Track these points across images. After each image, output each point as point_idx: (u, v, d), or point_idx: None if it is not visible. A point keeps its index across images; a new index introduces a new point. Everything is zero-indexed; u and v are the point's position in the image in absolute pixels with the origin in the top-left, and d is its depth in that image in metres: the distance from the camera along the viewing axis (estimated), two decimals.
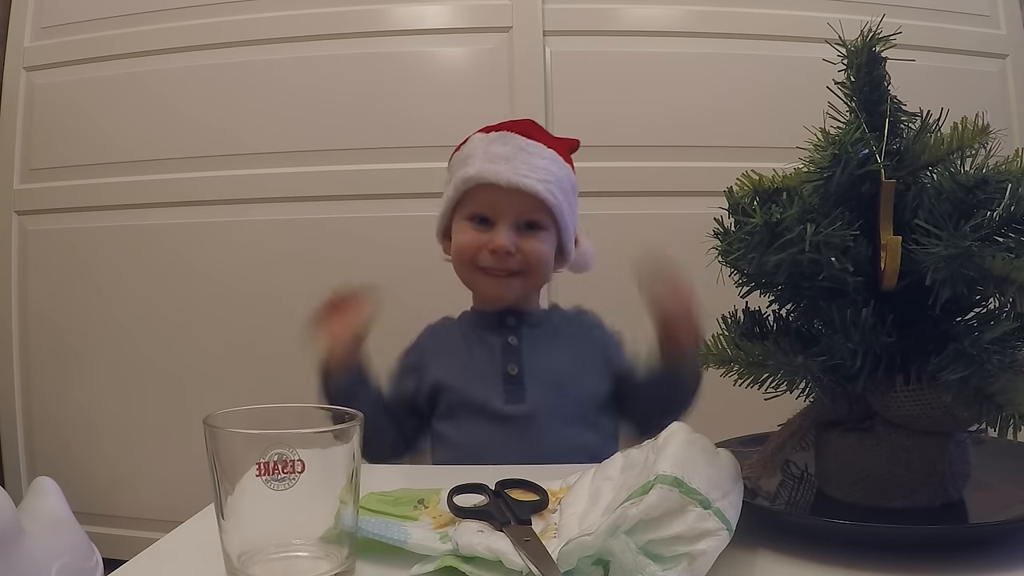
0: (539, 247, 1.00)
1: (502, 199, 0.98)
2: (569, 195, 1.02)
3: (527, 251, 0.99)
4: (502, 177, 0.97)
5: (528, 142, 1.00)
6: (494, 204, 0.99)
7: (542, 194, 0.97)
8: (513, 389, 0.99)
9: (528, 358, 1.01)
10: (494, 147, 1.00)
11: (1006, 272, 0.50)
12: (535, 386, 0.99)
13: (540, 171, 0.98)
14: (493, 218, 1.00)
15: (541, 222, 1.00)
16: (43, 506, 1.42)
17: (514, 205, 0.99)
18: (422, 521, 0.55)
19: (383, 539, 0.51)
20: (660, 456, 0.51)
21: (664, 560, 0.46)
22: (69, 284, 1.93)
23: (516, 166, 0.98)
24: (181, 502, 0.81)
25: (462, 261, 1.02)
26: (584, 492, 0.60)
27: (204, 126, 1.89)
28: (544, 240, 1.01)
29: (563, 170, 1.02)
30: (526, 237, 1.00)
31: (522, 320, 1.04)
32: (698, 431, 0.58)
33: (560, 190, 0.99)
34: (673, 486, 0.47)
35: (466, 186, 1.00)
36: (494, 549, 0.49)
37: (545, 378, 1.00)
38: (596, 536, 0.45)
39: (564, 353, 1.03)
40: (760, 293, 0.63)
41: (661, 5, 1.85)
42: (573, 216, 1.04)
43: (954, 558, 0.51)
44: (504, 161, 0.98)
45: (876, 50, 0.59)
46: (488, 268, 1.01)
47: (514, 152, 0.99)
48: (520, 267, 1.00)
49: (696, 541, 0.46)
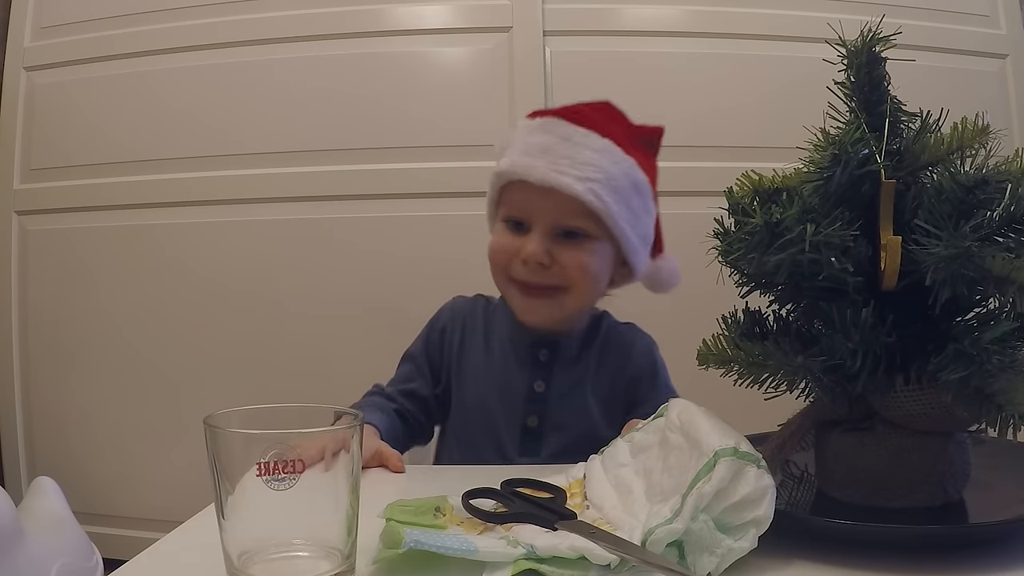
0: (580, 259, 0.84)
1: (536, 200, 0.83)
2: (628, 196, 0.84)
3: (564, 263, 0.84)
4: (535, 174, 0.81)
5: (577, 130, 0.82)
6: (528, 206, 0.84)
7: (582, 195, 0.80)
8: (530, 440, 0.90)
9: (553, 409, 0.90)
10: (534, 136, 0.84)
11: (1006, 272, 0.50)
12: (553, 439, 0.90)
13: (584, 167, 0.81)
14: (528, 222, 0.85)
15: (585, 229, 0.84)
16: (43, 506, 1.42)
17: (550, 208, 0.83)
18: (453, 529, 0.55)
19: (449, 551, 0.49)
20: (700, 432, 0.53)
21: (734, 531, 0.49)
22: (69, 284, 1.93)
23: (554, 160, 0.81)
24: (181, 502, 0.81)
25: (495, 270, 0.89)
26: (605, 484, 0.61)
27: (204, 126, 1.89)
28: (589, 251, 0.84)
29: (619, 165, 0.83)
30: (564, 246, 0.84)
31: (556, 355, 0.91)
32: None
33: (611, 190, 0.82)
34: (733, 456, 0.50)
35: (499, 182, 0.87)
36: (576, 547, 0.49)
37: (567, 431, 0.90)
38: (682, 521, 0.48)
39: (595, 399, 0.91)
40: (760, 293, 0.63)
41: (661, 5, 1.85)
42: (638, 221, 0.86)
43: (954, 558, 0.51)
44: (541, 154, 0.82)
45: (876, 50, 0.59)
46: (521, 281, 0.86)
47: (556, 143, 0.82)
48: (558, 282, 0.85)
49: (760, 501, 0.49)
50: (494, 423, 0.91)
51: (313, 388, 1.77)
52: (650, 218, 0.88)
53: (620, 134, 0.85)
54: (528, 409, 0.90)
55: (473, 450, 0.92)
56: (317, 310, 1.84)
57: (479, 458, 0.91)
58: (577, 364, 0.92)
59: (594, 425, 0.90)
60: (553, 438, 0.90)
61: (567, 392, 0.91)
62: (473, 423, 0.92)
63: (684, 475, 0.52)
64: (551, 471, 0.68)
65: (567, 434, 0.90)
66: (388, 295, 1.81)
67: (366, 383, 1.01)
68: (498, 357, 0.92)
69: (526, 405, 0.90)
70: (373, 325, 1.78)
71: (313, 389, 1.77)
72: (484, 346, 0.94)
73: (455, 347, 0.95)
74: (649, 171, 0.87)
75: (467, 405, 0.93)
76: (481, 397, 0.92)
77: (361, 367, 1.82)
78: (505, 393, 0.91)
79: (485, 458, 0.91)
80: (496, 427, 0.91)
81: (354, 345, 1.79)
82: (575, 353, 0.92)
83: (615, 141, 0.84)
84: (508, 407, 0.91)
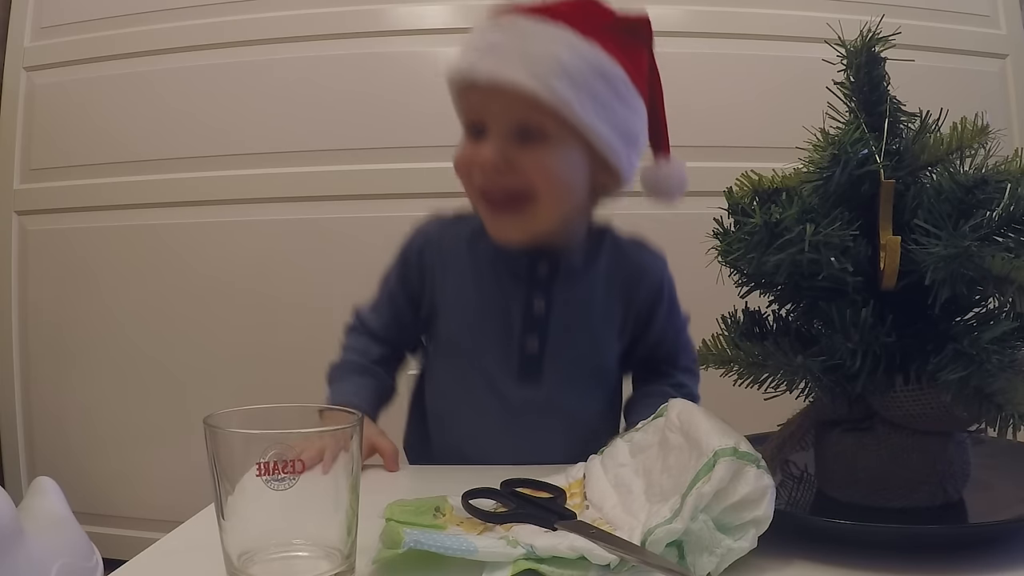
0: (540, 160, 0.75)
1: (488, 101, 0.75)
2: (591, 85, 0.73)
3: (525, 167, 0.75)
4: (482, 73, 0.73)
5: (532, 24, 0.74)
6: (480, 108, 0.76)
7: (532, 89, 0.71)
8: (530, 368, 0.82)
9: (555, 331, 0.82)
10: (487, 35, 0.76)
11: (1005, 272, 0.50)
12: (556, 367, 0.82)
13: (536, 59, 0.72)
14: (485, 126, 0.76)
15: (544, 127, 0.74)
16: (43, 506, 1.43)
17: (503, 108, 0.74)
18: (452, 530, 0.55)
19: (449, 551, 0.49)
20: (700, 432, 0.53)
21: (734, 531, 0.49)
22: (69, 284, 1.93)
23: (504, 56, 0.73)
24: (181, 502, 0.81)
25: (463, 185, 0.80)
26: (605, 484, 0.61)
27: (204, 126, 1.89)
28: (550, 151, 0.75)
29: (577, 52, 0.73)
30: (523, 149, 0.75)
31: (557, 271, 0.82)
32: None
33: (567, 80, 0.72)
34: (732, 456, 0.50)
35: (452, 90, 0.79)
36: (576, 547, 0.49)
37: (571, 358, 0.82)
38: (682, 521, 0.48)
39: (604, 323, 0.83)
40: (760, 293, 0.63)
41: (661, 5, 1.85)
42: (611, 114, 0.75)
43: (954, 558, 0.51)
44: (491, 52, 0.74)
45: (875, 50, 0.59)
46: (484, 191, 0.77)
47: (507, 39, 0.74)
48: (521, 188, 0.75)
49: (760, 501, 0.49)
50: (487, 351, 0.82)
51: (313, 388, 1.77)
52: (632, 113, 0.78)
53: (587, 23, 0.75)
54: (527, 332, 0.81)
55: (462, 389, 0.84)
56: (317, 310, 1.84)
57: (469, 398, 0.83)
58: (581, 281, 0.83)
59: (600, 355, 0.84)
60: (555, 366, 0.82)
61: (570, 312, 0.82)
62: (462, 357, 0.84)
63: (684, 475, 0.52)
64: (551, 471, 0.68)
65: (571, 362, 0.82)
66: None
67: None
68: (489, 276, 0.83)
69: (524, 327, 0.81)
70: None
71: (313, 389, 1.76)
72: (472, 265, 0.83)
73: (437, 271, 0.85)
74: (628, 61, 0.77)
75: (454, 337, 0.84)
76: (471, 324, 0.83)
77: None
78: (500, 316, 0.82)
79: (475, 389, 0.83)
80: (490, 355, 0.82)
81: None
82: (579, 268, 0.83)
83: (577, 29, 0.74)
84: (504, 331, 0.82)
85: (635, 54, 0.79)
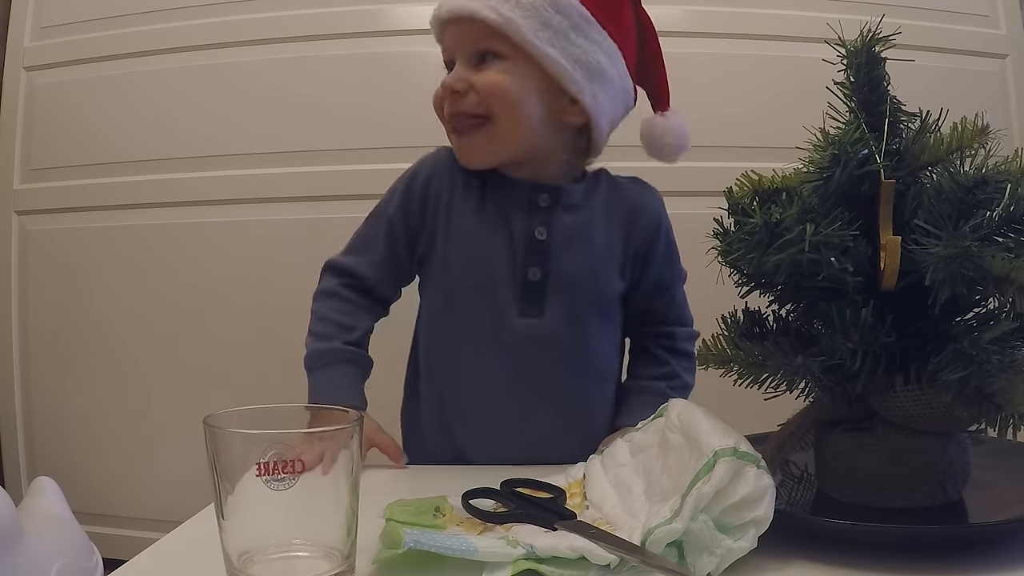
0: (491, 77, 0.80)
1: (451, 34, 0.83)
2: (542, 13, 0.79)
3: (479, 86, 0.80)
4: (443, 8, 0.82)
5: None
6: (450, 43, 0.84)
7: (480, 12, 0.78)
8: (532, 296, 0.83)
9: (557, 258, 0.83)
10: None
11: (1005, 272, 0.50)
12: (558, 295, 0.83)
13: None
14: (454, 60, 0.84)
15: (495, 50, 0.80)
16: (43, 506, 1.42)
17: (461, 36, 0.82)
18: (452, 529, 0.55)
19: (449, 551, 0.49)
20: (700, 432, 0.53)
21: (734, 531, 0.49)
22: (69, 284, 1.93)
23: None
24: (181, 502, 0.81)
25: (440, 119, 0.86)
26: (605, 484, 0.61)
27: (204, 126, 1.89)
28: (501, 70, 0.80)
29: None
30: (478, 70, 0.81)
31: (557, 200, 0.84)
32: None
33: (522, 9, 0.78)
34: (732, 456, 0.50)
35: (434, 33, 0.86)
36: (576, 547, 0.49)
37: (573, 287, 0.83)
38: (682, 521, 0.48)
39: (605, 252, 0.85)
40: (760, 293, 0.63)
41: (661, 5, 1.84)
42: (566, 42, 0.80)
43: (954, 558, 0.51)
44: None
45: (876, 50, 0.59)
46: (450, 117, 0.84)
47: None
48: (478, 110, 0.81)
49: (760, 501, 0.49)
50: (489, 281, 0.83)
51: None
52: (594, 46, 0.81)
53: None
54: (529, 259, 0.83)
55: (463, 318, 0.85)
56: None
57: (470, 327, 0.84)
58: (581, 210, 0.85)
59: (601, 286, 0.85)
60: (557, 294, 0.83)
61: (572, 239, 0.84)
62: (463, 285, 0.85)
63: (684, 475, 0.52)
64: (551, 471, 0.68)
65: (573, 291, 0.83)
66: None
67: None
68: (492, 206, 0.85)
69: (527, 255, 0.83)
70: None
71: None
72: (478, 196, 0.86)
73: (443, 200, 0.86)
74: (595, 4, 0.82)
75: (455, 265, 0.85)
76: (473, 252, 0.84)
77: None
78: (503, 245, 0.84)
79: (477, 325, 0.84)
80: (492, 285, 0.83)
81: None
82: (578, 200, 0.86)
83: None
84: (506, 259, 0.83)
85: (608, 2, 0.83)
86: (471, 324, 0.84)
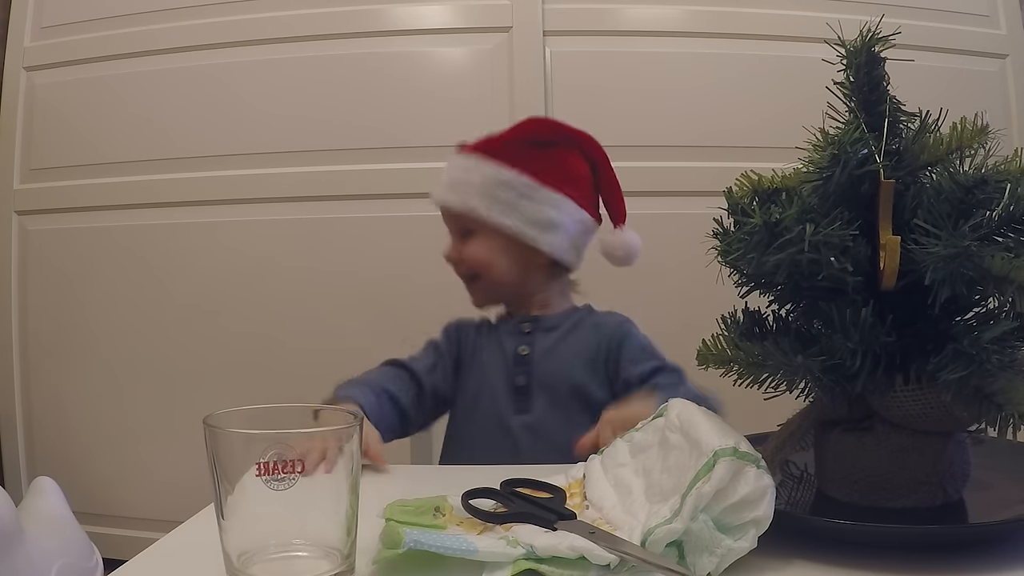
0: (471, 249, 1.06)
1: (444, 216, 1.09)
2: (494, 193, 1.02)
3: (465, 256, 1.06)
4: (432, 199, 1.08)
5: (456, 157, 1.07)
6: (445, 221, 1.09)
7: (453, 204, 1.04)
8: (520, 399, 1.03)
9: (538, 368, 1.04)
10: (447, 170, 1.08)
11: (1005, 272, 0.50)
12: (542, 395, 1.03)
13: (457, 184, 1.05)
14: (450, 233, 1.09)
15: (471, 227, 1.05)
16: (43, 506, 1.43)
17: (451, 219, 1.08)
18: (452, 530, 0.55)
19: (449, 551, 0.49)
20: (700, 432, 0.53)
21: (734, 531, 0.49)
22: (69, 284, 1.93)
23: (446, 185, 1.06)
24: (181, 502, 0.81)
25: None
26: (604, 484, 0.61)
27: (204, 126, 1.89)
28: (477, 242, 1.05)
29: (481, 172, 1.03)
30: (464, 243, 1.06)
31: (538, 326, 1.07)
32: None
33: (479, 193, 1.02)
34: (732, 456, 0.50)
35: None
36: (576, 547, 0.49)
37: (553, 387, 1.03)
38: (682, 520, 0.48)
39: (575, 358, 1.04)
40: (760, 293, 0.63)
41: (661, 5, 1.85)
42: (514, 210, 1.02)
43: (954, 558, 0.51)
44: (441, 183, 1.07)
45: (875, 50, 0.59)
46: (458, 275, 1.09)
47: (446, 172, 1.08)
48: (470, 271, 1.07)
49: (760, 501, 0.49)
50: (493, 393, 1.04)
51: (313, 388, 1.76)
52: (539, 205, 1.03)
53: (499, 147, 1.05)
54: (516, 370, 1.04)
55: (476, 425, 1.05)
56: (318, 310, 1.84)
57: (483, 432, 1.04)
58: (556, 330, 1.07)
59: (579, 382, 1.02)
60: (542, 395, 1.03)
61: (548, 352, 1.05)
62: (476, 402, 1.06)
63: (684, 475, 0.52)
64: (551, 471, 0.68)
65: (554, 390, 1.02)
66: (387, 295, 1.81)
67: None
68: (493, 340, 1.09)
69: (514, 367, 1.05)
70: (372, 325, 1.78)
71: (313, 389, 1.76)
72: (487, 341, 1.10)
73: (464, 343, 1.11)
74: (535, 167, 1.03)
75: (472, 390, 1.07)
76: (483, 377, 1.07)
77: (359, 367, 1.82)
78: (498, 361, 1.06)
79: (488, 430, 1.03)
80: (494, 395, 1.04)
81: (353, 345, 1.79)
82: (554, 324, 1.08)
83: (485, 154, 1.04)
84: (501, 372, 1.05)
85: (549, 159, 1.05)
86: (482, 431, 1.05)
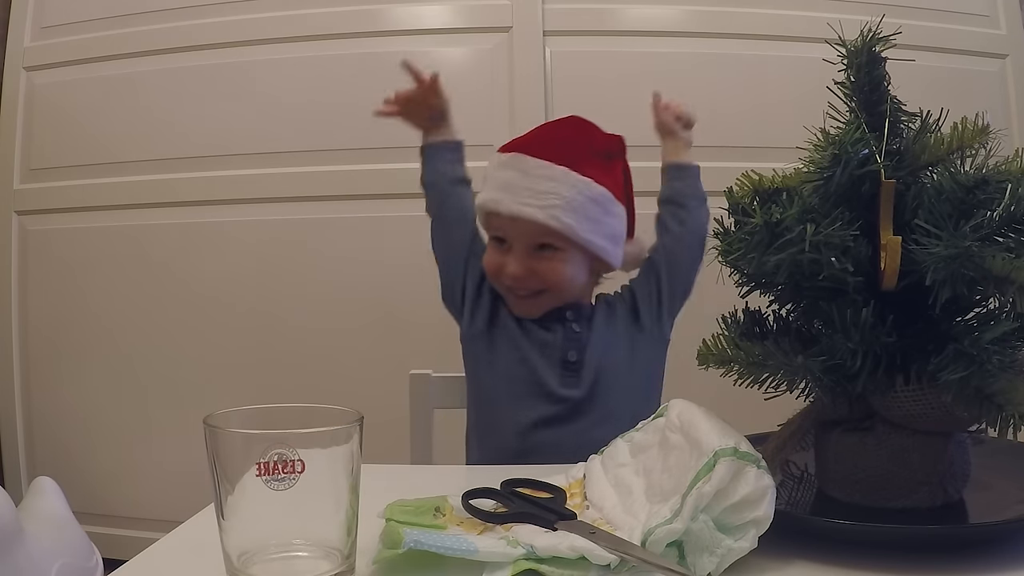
0: (555, 268, 0.99)
1: (510, 226, 0.99)
2: (586, 210, 0.98)
3: (543, 273, 0.99)
4: (503, 207, 0.98)
5: (534, 163, 0.98)
6: (504, 229, 1.00)
7: (545, 221, 0.96)
8: (570, 375, 1.01)
9: (589, 344, 1.02)
10: (500, 172, 1.00)
11: (1006, 272, 0.50)
12: (590, 372, 1.01)
13: (544, 195, 0.96)
14: (508, 240, 1.00)
15: (554, 244, 0.98)
16: (43, 506, 1.43)
17: (522, 231, 0.98)
18: (452, 530, 0.55)
19: (449, 551, 0.49)
20: (700, 432, 0.53)
21: (734, 531, 0.49)
22: (69, 284, 1.93)
23: (517, 193, 0.97)
24: (181, 502, 0.81)
25: (490, 278, 1.04)
26: (604, 484, 0.61)
27: (204, 126, 1.89)
28: (561, 260, 0.99)
29: (575, 188, 0.97)
30: (541, 259, 0.99)
31: (580, 313, 1.04)
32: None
33: (569, 210, 0.96)
34: (732, 456, 0.50)
35: (480, 212, 1.04)
36: (576, 547, 0.49)
37: (600, 363, 1.01)
38: (682, 521, 0.48)
39: (618, 335, 1.04)
40: (760, 293, 0.63)
41: (661, 5, 1.85)
42: (600, 227, 0.99)
43: (954, 558, 0.51)
44: (505, 189, 0.98)
45: (876, 50, 0.59)
46: (512, 289, 1.02)
47: (517, 177, 0.98)
48: (539, 287, 1.00)
49: (760, 502, 0.49)
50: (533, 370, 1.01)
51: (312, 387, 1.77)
52: (615, 219, 1.01)
53: (576, 156, 0.99)
54: (567, 345, 1.01)
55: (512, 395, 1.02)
56: (316, 309, 1.84)
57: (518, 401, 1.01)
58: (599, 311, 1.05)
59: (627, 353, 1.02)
60: (590, 371, 1.00)
61: (597, 330, 1.03)
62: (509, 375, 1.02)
63: (684, 475, 0.52)
64: (551, 471, 0.68)
65: (602, 365, 1.00)
66: (386, 295, 1.80)
67: (364, 382, 1.01)
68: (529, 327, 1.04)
69: (566, 343, 1.01)
70: (371, 325, 1.78)
71: (312, 388, 1.77)
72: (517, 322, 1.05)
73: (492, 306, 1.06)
74: (609, 180, 1.00)
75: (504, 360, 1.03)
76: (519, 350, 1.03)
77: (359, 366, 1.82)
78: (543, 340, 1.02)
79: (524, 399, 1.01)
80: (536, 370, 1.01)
81: (352, 344, 1.79)
82: (595, 310, 1.06)
83: (570, 166, 0.98)
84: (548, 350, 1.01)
85: (614, 171, 1.02)
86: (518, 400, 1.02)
